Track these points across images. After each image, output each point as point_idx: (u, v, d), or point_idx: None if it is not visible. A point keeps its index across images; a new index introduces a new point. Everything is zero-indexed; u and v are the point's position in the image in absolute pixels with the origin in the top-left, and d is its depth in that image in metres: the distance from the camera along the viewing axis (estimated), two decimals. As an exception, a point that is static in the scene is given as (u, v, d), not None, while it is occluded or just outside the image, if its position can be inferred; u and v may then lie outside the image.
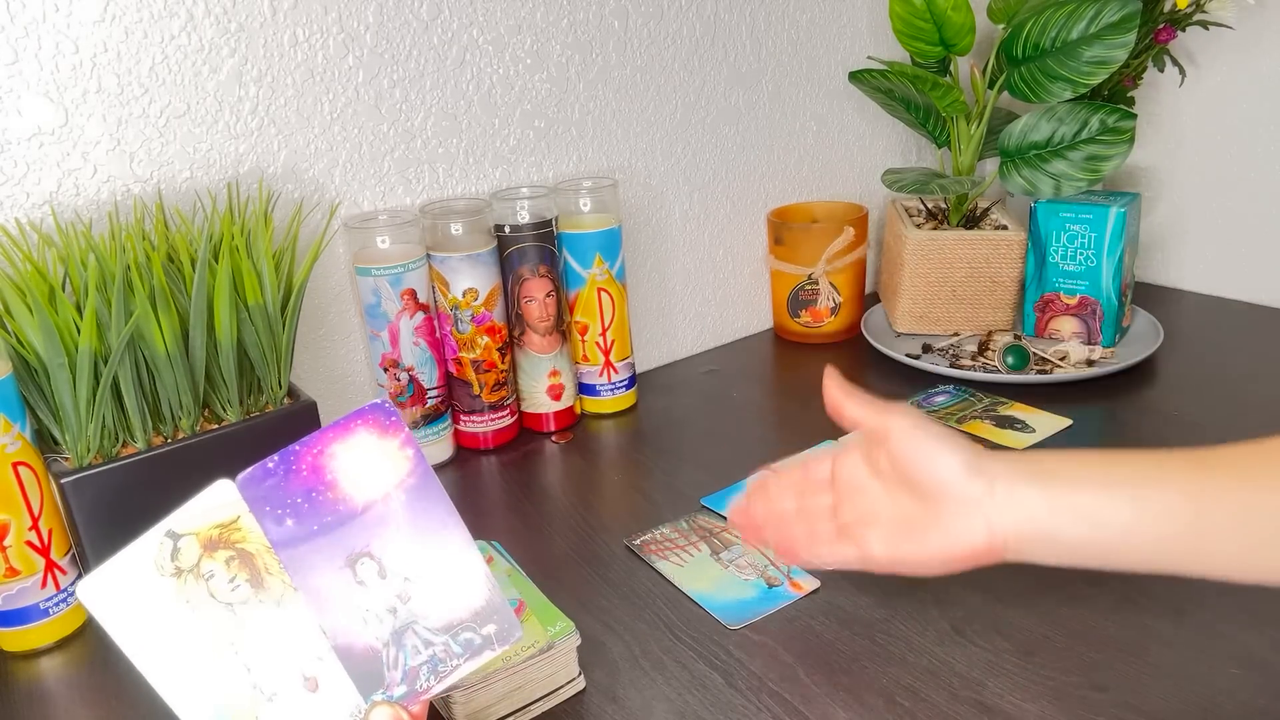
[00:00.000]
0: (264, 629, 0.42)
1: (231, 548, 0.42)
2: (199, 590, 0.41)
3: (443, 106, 0.83)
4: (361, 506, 0.43)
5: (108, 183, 0.69)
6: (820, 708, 0.52)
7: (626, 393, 0.92)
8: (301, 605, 0.42)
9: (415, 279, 0.79)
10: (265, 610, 0.42)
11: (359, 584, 0.43)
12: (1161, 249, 1.15)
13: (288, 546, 0.42)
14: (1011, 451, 0.49)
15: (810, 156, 1.10)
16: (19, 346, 0.59)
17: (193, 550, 0.41)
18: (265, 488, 0.42)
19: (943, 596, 0.61)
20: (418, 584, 0.43)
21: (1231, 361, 0.92)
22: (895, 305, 1.01)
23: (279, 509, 0.42)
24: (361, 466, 0.43)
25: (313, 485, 0.42)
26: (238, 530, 0.42)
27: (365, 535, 0.43)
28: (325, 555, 0.42)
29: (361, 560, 0.43)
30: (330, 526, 0.42)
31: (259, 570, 0.42)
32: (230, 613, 0.41)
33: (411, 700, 0.43)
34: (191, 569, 0.41)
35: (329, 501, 0.43)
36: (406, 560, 0.43)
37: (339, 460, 0.43)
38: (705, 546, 0.68)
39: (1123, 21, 0.87)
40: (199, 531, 0.41)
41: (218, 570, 0.41)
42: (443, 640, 0.43)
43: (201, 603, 0.41)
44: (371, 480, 0.43)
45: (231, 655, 0.41)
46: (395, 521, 0.43)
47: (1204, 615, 0.57)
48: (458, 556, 0.44)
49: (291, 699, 0.42)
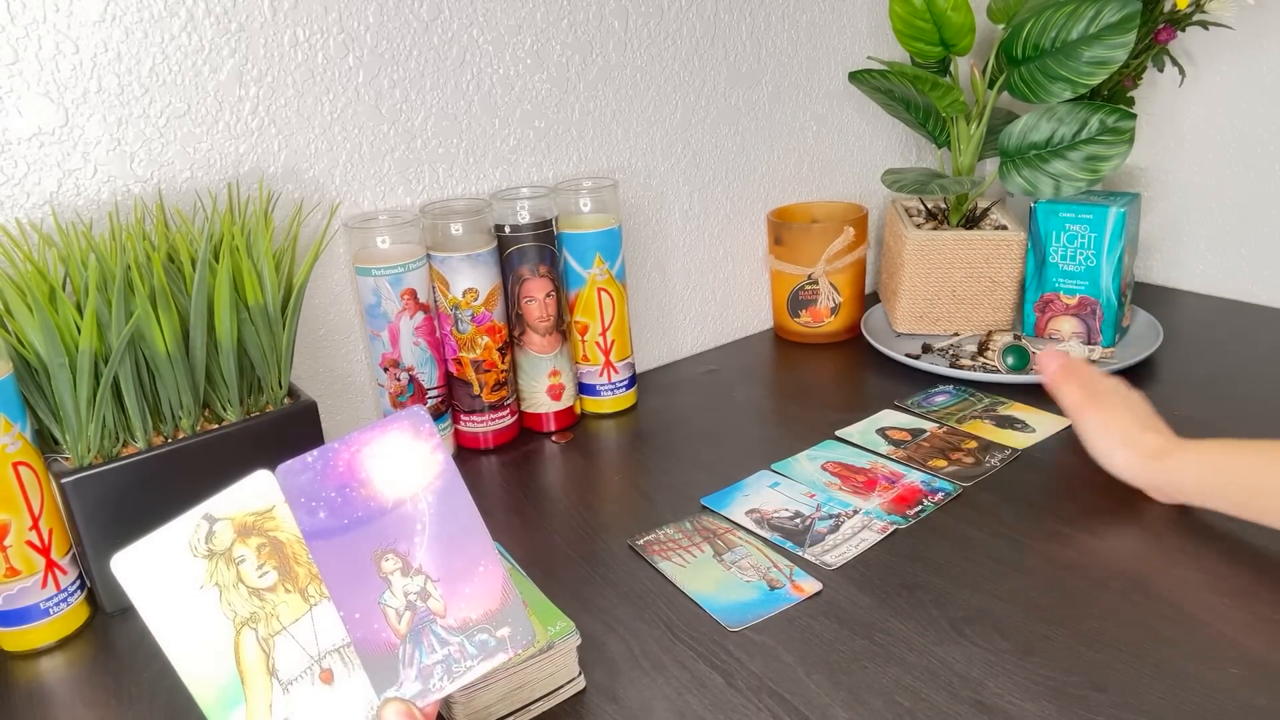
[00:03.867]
0: (286, 617, 0.43)
1: (264, 535, 0.43)
2: (228, 574, 0.42)
3: (443, 106, 0.83)
4: (391, 505, 0.44)
5: (108, 183, 0.69)
6: (820, 708, 0.53)
7: (626, 393, 0.92)
8: (325, 597, 0.43)
9: (415, 279, 0.79)
10: (290, 599, 0.43)
11: (382, 579, 0.44)
12: (1161, 249, 1.16)
13: (318, 538, 0.43)
14: (1159, 444, 0.66)
15: (810, 156, 1.10)
16: (19, 346, 0.59)
17: (227, 534, 0.43)
18: (303, 480, 0.43)
19: (943, 597, 0.61)
20: (438, 583, 0.44)
21: (1231, 361, 0.92)
22: (895, 305, 1.01)
23: (313, 501, 0.43)
24: (394, 467, 0.44)
25: (347, 481, 0.44)
26: (272, 519, 0.43)
27: (392, 533, 0.44)
28: (353, 549, 0.44)
29: (386, 556, 0.44)
30: (360, 522, 0.44)
31: (288, 559, 0.43)
32: (256, 598, 0.42)
33: (424, 699, 0.43)
34: (224, 553, 0.42)
35: (361, 498, 0.44)
36: (429, 560, 0.44)
37: (374, 459, 0.44)
38: (708, 548, 0.68)
39: (1122, 22, 0.87)
40: (234, 517, 0.43)
41: (249, 556, 0.43)
42: (458, 640, 0.44)
43: (229, 586, 0.42)
44: (402, 480, 0.44)
45: (252, 641, 0.42)
46: (421, 521, 0.44)
47: (1204, 615, 0.57)
48: (479, 559, 0.45)
49: (307, 689, 0.42)
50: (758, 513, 0.72)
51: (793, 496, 0.74)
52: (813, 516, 0.71)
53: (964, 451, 0.78)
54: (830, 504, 0.72)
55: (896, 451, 0.79)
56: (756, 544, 0.68)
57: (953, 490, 0.73)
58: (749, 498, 0.74)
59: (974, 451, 0.78)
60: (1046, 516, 0.68)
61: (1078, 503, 0.70)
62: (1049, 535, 0.66)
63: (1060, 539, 0.66)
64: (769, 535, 0.69)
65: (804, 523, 0.70)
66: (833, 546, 0.67)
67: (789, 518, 0.71)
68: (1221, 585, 0.60)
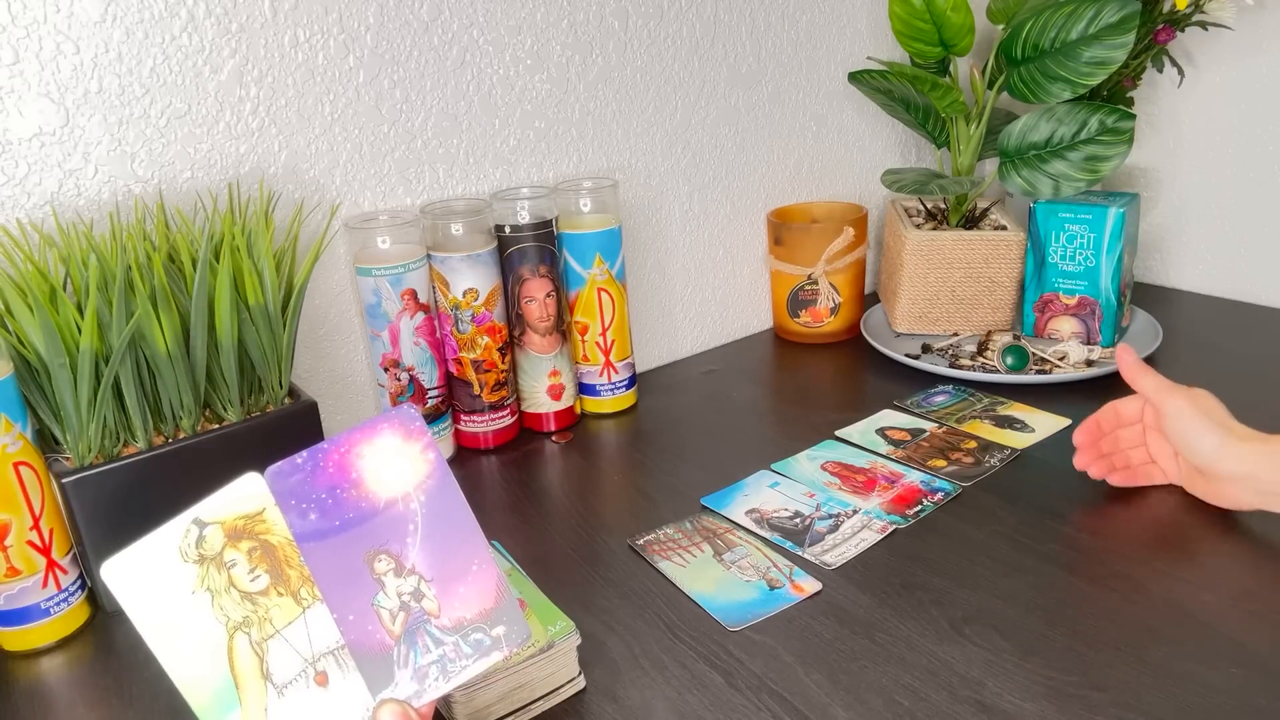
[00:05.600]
0: (280, 621, 0.42)
1: (255, 539, 0.43)
2: (220, 578, 0.42)
3: (443, 107, 0.83)
4: (383, 505, 0.44)
5: (109, 183, 0.69)
6: (820, 707, 0.53)
7: (626, 393, 0.92)
8: (318, 600, 0.43)
9: (416, 279, 0.79)
10: (283, 602, 0.43)
11: (375, 580, 0.43)
12: (1161, 249, 1.16)
13: (310, 540, 0.43)
14: (1253, 432, 0.64)
15: (810, 157, 1.10)
16: (20, 346, 0.59)
17: (217, 539, 0.42)
18: (292, 482, 0.43)
19: (943, 596, 0.61)
20: (431, 583, 0.44)
21: (1231, 361, 0.92)
22: (895, 305, 1.01)
23: (304, 503, 0.43)
24: (385, 467, 0.44)
25: (338, 482, 0.44)
26: (262, 522, 0.43)
27: (384, 533, 0.44)
28: (345, 550, 0.43)
29: (379, 557, 0.44)
30: (352, 523, 0.43)
31: (280, 562, 0.43)
32: (249, 602, 0.42)
33: (420, 699, 0.43)
34: (214, 557, 0.42)
35: (352, 499, 0.44)
36: (422, 560, 0.44)
37: (364, 460, 0.44)
38: (708, 547, 0.68)
39: (1122, 22, 0.87)
40: (224, 521, 0.42)
41: (240, 560, 0.42)
42: (453, 640, 0.44)
43: (221, 591, 0.42)
44: (394, 481, 0.44)
45: (246, 645, 0.42)
46: (414, 522, 0.44)
47: (1204, 615, 0.57)
48: (472, 558, 0.45)
49: (301, 692, 0.42)
50: (758, 513, 0.72)
51: (793, 496, 0.74)
52: (812, 516, 0.71)
53: (963, 451, 0.79)
54: (830, 504, 0.72)
55: (896, 451, 0.79)
56: (756, 544, 0.68)
57: (952, 490, 0.73)
58: (749, 498, 0.74)
59: (973, 451, 0.78)
60: (1046, 516, 0.69)
61: (1077, 503, 0.70)
62: (1049, 535, 0.66)
63: (1060, 539, 0.66)
64: (769, 535, 0.69)
65: (804, 523, 0.70)
66: (832, 546, 0.67)
67: (789, 518, 0.71)
68: (1221, 585, 0.60)
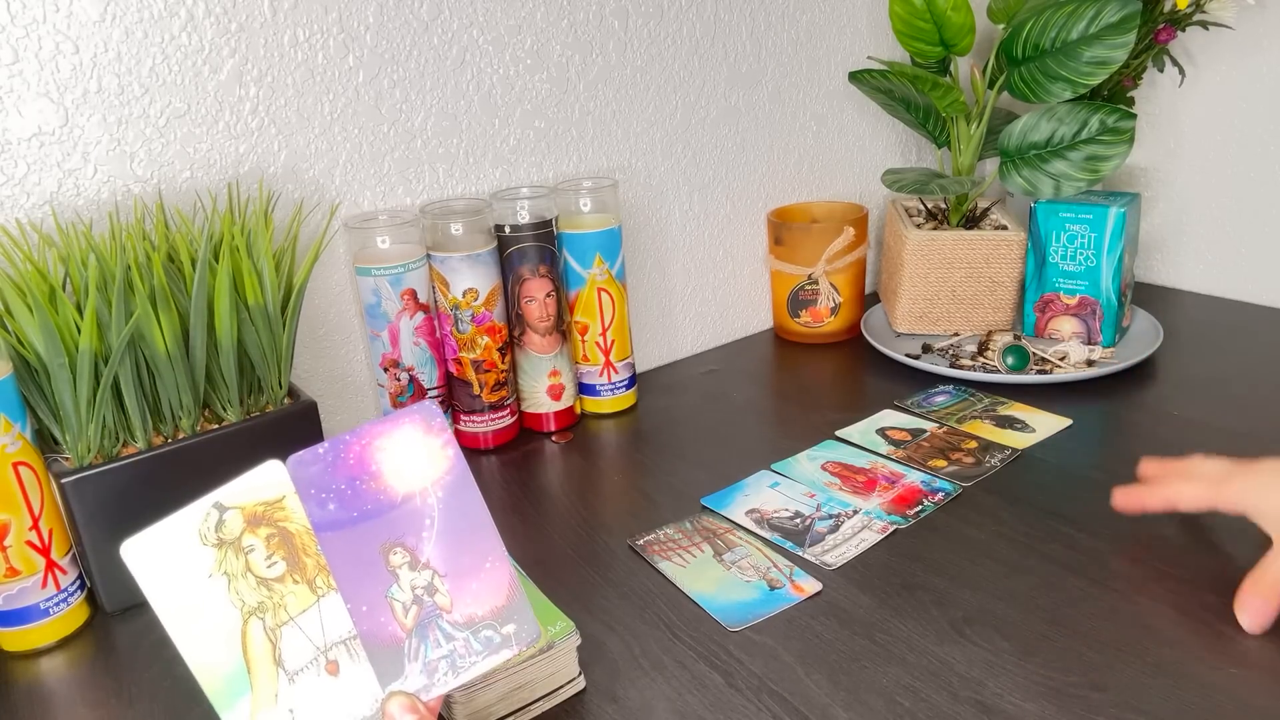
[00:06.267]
0: (294, 608, 0.43)
1: (273, 525, 0.43)
2: (237, 563, 0.42)
3: (443, 106, 0.83)
4: (400, 499, 0.44)
5: (108, 183, 0.69)
6: (820, 708, 0.53)
7: (626, 393, 0.92)
8: (332, 589, 0.43)
9: (415, 279, 0.79)
10: (298, 590, 0.43)
11: (390, 573, 0.44)
12: (1161, 249, 1.16)
13: (327, 529, 0.43)
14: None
15: (810, 157, 1.10)
16: (19, 346, 0.59)
17: (236, 524, 0.43)
18: (313, 471, 0.43)
19: (943, 596, 0.61)
20: (445, 578, 0.44)
21: (1231, 361, 0.92)
22: (895, 305, 1.01)
23: (323, 493, 0.43)
24: (405, 461, 0.44)
25: (358, 474, 0.44)
26: (281, 509, 0.43)
27: (401, 526, 0.44)
28: (361, 542, 0.44)
29: (395, 550, 0.44)
30: (369, 515, 0.44)
31: (296, 550, 0.43)
32: (264, 588, 0.43)
33: (428, 693, 0.43)
34: (233, 542, 0.42)
35: (371, 491, 0.44)
36: (437, 555, 0.44)
37: (384, 453, 0.44)
38: (708, 548, 0.68)
39: (1122, 22, 0.87)
40: (244, 506, 0.43)
41: (258, 546, 0.43)
42: (464, 636, 0.44)
43: (238, 575, 0.42)
44: (413, 475, 0.45)
45: (260, 630, 0.42)
46: (430, 516, 0.44)
47: (1204, 615, 0.57)
48: (486, 555, 0.45)
49: (312, 680, 0.43)
50: (758, 513, 0.72)
51: (793, 496, 0.74)
52: (813, 516, 0.71)
53: (964, 451, 0.78)
54: (830, 504, 0.72)
55: (896, 451, 0.79)
56: (756, 544, 0.68)
57: (953, 490, 0.73)
58: (749, 498, 0.74)
59: (974, 451, 0.78)
60: (1046, 516, 0.69)
61: (1077, 503, 0.70)
62: (1049, 535, 0.66)
63: (1060, 539, 0.66)
64: (769, 535, 0.69)
65: (804, 523, 0.70)
66: (833, 546, 0.67)
67: (789, 518, 0.71)
68: (1222, 585, 0.60)
